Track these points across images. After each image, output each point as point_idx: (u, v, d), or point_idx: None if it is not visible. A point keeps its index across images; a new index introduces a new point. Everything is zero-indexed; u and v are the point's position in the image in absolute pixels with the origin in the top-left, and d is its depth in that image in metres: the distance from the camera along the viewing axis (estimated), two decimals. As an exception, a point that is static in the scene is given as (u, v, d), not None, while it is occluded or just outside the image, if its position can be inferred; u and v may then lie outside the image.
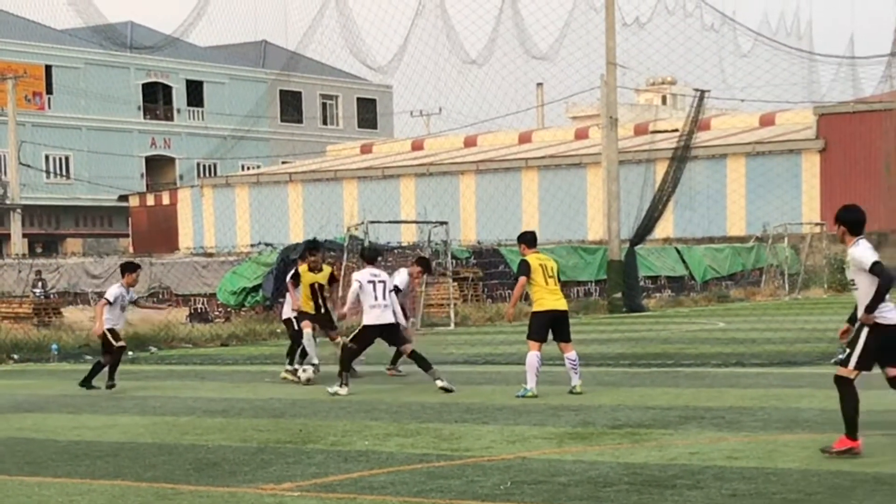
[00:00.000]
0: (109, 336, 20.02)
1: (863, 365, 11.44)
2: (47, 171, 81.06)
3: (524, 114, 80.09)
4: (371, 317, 18.16)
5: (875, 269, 11.37)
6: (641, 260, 46.38)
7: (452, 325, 35.70)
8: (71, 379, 22.58)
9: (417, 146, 76.72)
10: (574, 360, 17.52)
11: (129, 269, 20.50)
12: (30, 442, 14.08)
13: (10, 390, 20.66)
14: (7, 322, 30.51)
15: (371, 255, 19.45)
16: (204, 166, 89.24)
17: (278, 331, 32.65)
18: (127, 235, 77.24)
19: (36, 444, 13.84)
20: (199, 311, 39.29)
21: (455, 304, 37.44)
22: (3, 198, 65.47)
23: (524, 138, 73.31)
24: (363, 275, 18.37)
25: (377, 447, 12.80)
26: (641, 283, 46.32)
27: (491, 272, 43.67)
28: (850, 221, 11.73)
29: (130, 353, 28.26)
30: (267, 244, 47.02)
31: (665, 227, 53.64)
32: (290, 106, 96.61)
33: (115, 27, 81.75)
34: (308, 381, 20.04)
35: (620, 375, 20.16)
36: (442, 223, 38.76)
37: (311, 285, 21.37)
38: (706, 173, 58.76)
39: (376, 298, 18.01)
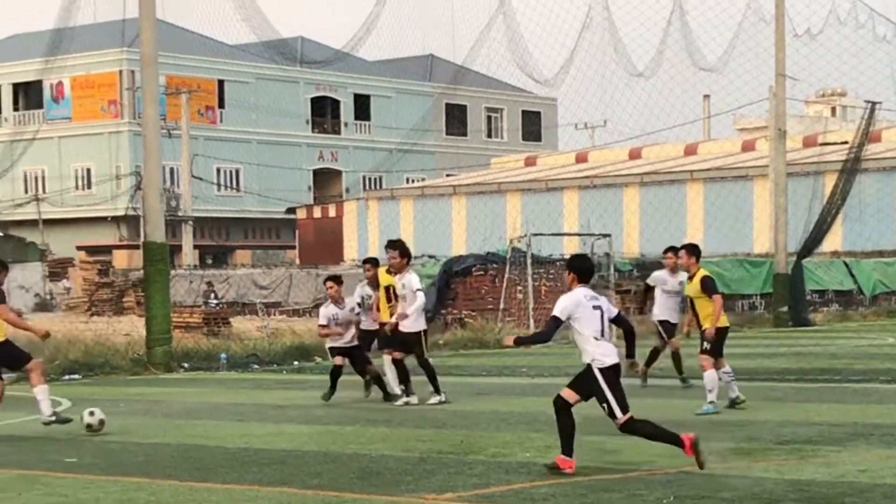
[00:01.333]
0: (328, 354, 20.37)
1: None
2: (218, 184, 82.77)
3: (690, 126, 79.33)
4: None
5: None
6: (809, 273, 45.61)
7: (615, 337, 35.43)
8: (239, 388, 23.06)
9: (581, 158, 76.46)
10: (730, 373, 17.29)
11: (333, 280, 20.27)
12: (200, 448, 14.40)
13: (181, 398, 21.15)
14: (178, 331, 31.21)
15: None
16: (369, 179, 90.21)
17: (440, 342, 32.89)
18: (294, 247, 78.44)
19: (206, 451, 14.15)
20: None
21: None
22: (175, 210, 67.02)
23: (690, 150, 72.57)
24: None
25: (538, 459, 12.80)
26: (808, 297, 45.56)
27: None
28: None
29: (296, 363, 28.76)
30: (430, 256, 47.36)
31: (833, 241, 52.59)
32: (456, 119, 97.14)
33: (287, 42, 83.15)
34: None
35: (786, 390, 19.85)
36: (605, 235, 38.57)
37: (387, 288, 19.27)
38: (876, 186, 57.45)
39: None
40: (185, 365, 27.53)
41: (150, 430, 16.34)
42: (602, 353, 11.92)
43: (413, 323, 18.42)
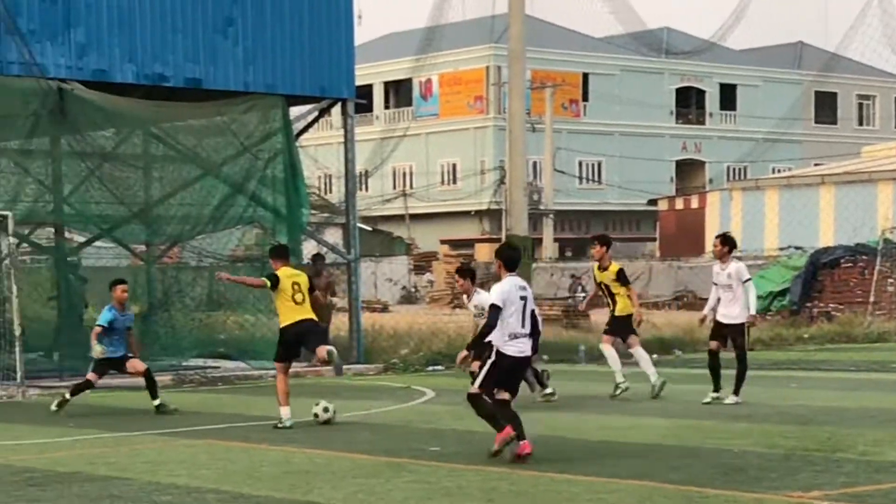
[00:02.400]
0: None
1: None
2: (580, 177, 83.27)
3: None
4: None
5: None
6: None
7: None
8: (598, 380, 23.04)
9: (959, 146, 72.85)
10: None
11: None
12: (561, 440, 14.48)
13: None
14: (539, 323, 31.47)
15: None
16: (734, 170, 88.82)
17: (805, 336, 32.03)
18: (654, 239, 78.02)
19: (567, 443, 14.23)
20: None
21: None
22: (537, 203, 67.82)
23: None
24: None
25: (911, 460, 12.29)
26: None
27: None
28: None
29: (654, 356, 28.51)
30: (796, 247, 46.20)
31: None
32: (825, 107, 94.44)
33: (654, 33, 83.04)
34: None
35: None
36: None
37: (599, 285, 19.74)
38: None
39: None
40: (545, 357, 27.76)
41: (512, 419, 16.52)
42: (508, 344, 12.69)
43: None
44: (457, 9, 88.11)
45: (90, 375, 18.28)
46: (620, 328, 19.48)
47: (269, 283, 16.15)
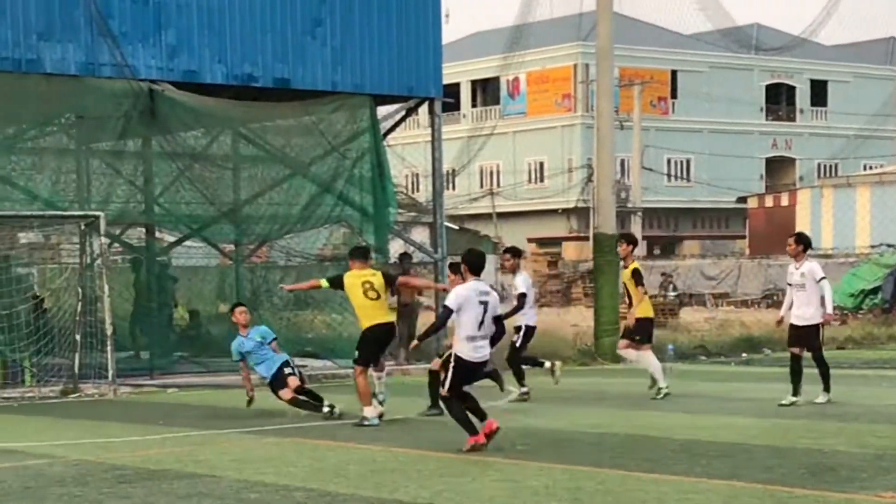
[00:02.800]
0: None
1: None
2: (668, 175, 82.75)
3: None
4: None
5: None
6: None
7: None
8: (686, 379, 22.91)
9: None
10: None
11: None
12: (648, 439, 14.40)
13: (628, 388, 21.23)
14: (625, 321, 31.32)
15: None
16: (825, 167, 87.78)
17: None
18: (743, 237, 77.33)
19: (654, 442, 14.14)
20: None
21: None
22: (624, 201, 67.49)
23: None
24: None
25: None
26: None
27: None
28: None
29: (744, 354, 28.32)
30: (888, 245, 45.58)
31: None
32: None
33: (743, 30, 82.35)
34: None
35: None
36: None
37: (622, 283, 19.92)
38: None
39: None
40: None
41: (599, 419, 16.49)
42: (466, 347, 13.34)
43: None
44: (545, 7, 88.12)
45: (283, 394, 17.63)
46: (635, 331, 19.45)
47: (324, 284, 16.29)
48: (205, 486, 11.75)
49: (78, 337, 21.81)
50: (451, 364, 13.50)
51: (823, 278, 17.55)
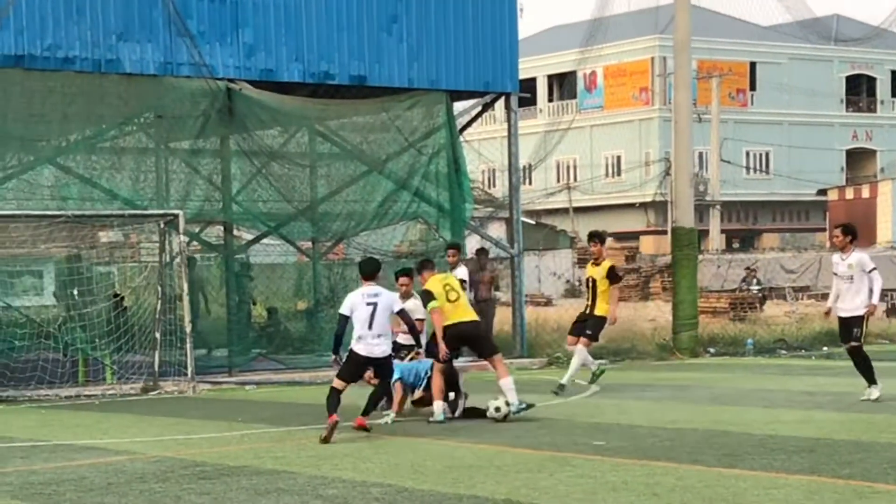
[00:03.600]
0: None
1: None
2: (747, 167, 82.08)
3: None
4: None
5: None
6: None
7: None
8: (765, 373, 22.74)
9: None
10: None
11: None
12: (727, 434, 14.29)
13: (707, 383, 21.11)
14: (704, 316, 31.16)
15: None
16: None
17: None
18: (824, 230, 76.55)
19: (733, 437, 14.03)
20: None
21: None
22: (703, 194, 67.05)
23: None
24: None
25: None
26: None
27: None
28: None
29: (825, 348, 28.03)
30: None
31: None
32: None
33: (822, 21, 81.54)
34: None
35: None
36: None
37: (587, 280, 19.96)
38: None
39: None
40: (711, 350, 27.48)
41: (677, 414, 16.40)
42: (356, 344, 14.99)
43: None
44: (622, 0, 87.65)
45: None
46: (584, 326, 19.62)
47: (428, 307, 16.27)
48: (283, 482, 11.82)
49: (158, 335, 22.04)
50: (347, 355, 15.13)
51: (874, 269, 17.22)
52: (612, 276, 19.49)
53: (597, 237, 20.12)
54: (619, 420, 15.90)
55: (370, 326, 14.97)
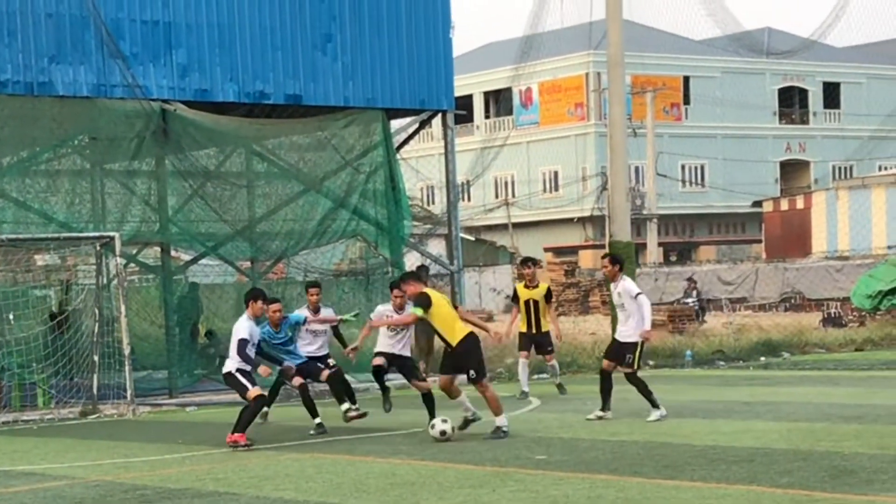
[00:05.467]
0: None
1: None
2: (683, 181, 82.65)
3: None
4: None
5: None
6: None
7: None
8: (704, 385, 22.90)
9: None
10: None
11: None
12: (667, 446, 14.37)
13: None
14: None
15: None
16: (839, 169, 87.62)
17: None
18: (759, 241, 77.23)
19: (673, 449, 14.12)
20: (833, 315, 38.63)
21: None
22: (640, 208, 67.44)
23: None
24: None
25: None
26: None
27: None
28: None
29: (762, 358, 28.27)
30: (904, 248, 45.48)
31: None
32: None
33: (753, 34, 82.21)
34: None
35: None
36: None
37: (527, 302, 21.09)
38: None
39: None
40: (651, 362, 27.62)
41: (618, 427, 16.47)
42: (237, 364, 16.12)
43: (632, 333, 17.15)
44: (555, 16, 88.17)
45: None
46: (543, 342, 21.52)
47: (421, 312, 15.53)
48: (224, 503, 11.76)
49: (96, 357, 21.86)
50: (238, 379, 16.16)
51: (639, 293, 17.15)
52: (549, 297, 21.50)
53: (531, 262, 21.76)
54: (561, 434, 15.96)
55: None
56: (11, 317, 22.81)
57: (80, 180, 25.09)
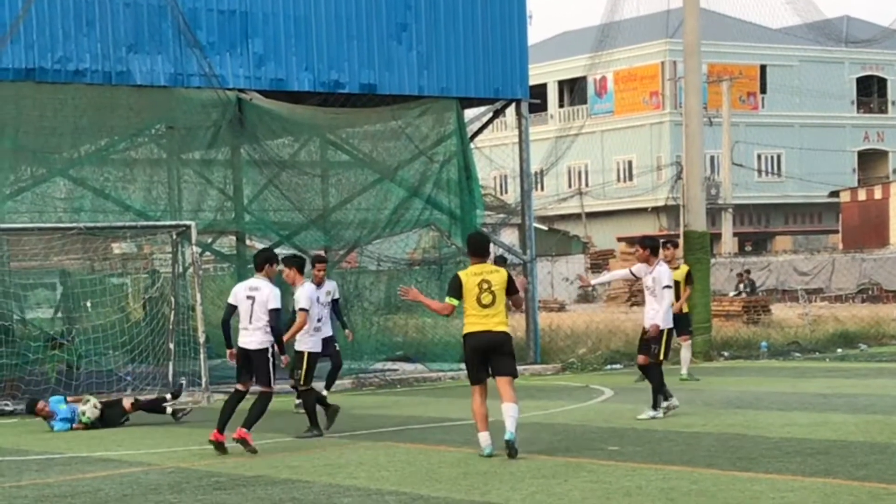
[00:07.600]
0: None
1: None
2: (759, 170, 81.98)
3: None
4: None
5: None
6: None
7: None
8: (780, 376, 22.69)
9: None
10: None
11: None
12: (742, 438, 14.27)
13: (721, 386, 21.08)
14: (718, 320, 31.13)
15: None
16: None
17: None
18: (837, 231, 76.45)
19: (748, 440, 14.01)
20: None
21: None
22: (715, 198, 66.95)
23: None
24: None
25: None
26: None
27: None
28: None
29: (839, 350, 27.98)
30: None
31: None
32: None
33: (832, 22, 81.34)
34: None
35: None
36: None
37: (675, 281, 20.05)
38: None
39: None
40: (725, 354, 27.44)
41: (691, 418, 16.37)
42: (238, 336, 14.98)
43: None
44: (631, 5, 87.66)
45: None
46: (684, 323, 21.69)
47: (455, 303, 13.57)
48: (298, 491, 11.83)
49: (171, 345, 22.05)
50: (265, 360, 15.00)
51: (667, 286, 16.60)
52: (690, 279, 22.24)
53: (670, 243, 21.75)
54: (634, 425, 15.89)
55: (250, 320, 14.84)
56: (89, 304, 23.07)
57: (157, 169, 25.32)
